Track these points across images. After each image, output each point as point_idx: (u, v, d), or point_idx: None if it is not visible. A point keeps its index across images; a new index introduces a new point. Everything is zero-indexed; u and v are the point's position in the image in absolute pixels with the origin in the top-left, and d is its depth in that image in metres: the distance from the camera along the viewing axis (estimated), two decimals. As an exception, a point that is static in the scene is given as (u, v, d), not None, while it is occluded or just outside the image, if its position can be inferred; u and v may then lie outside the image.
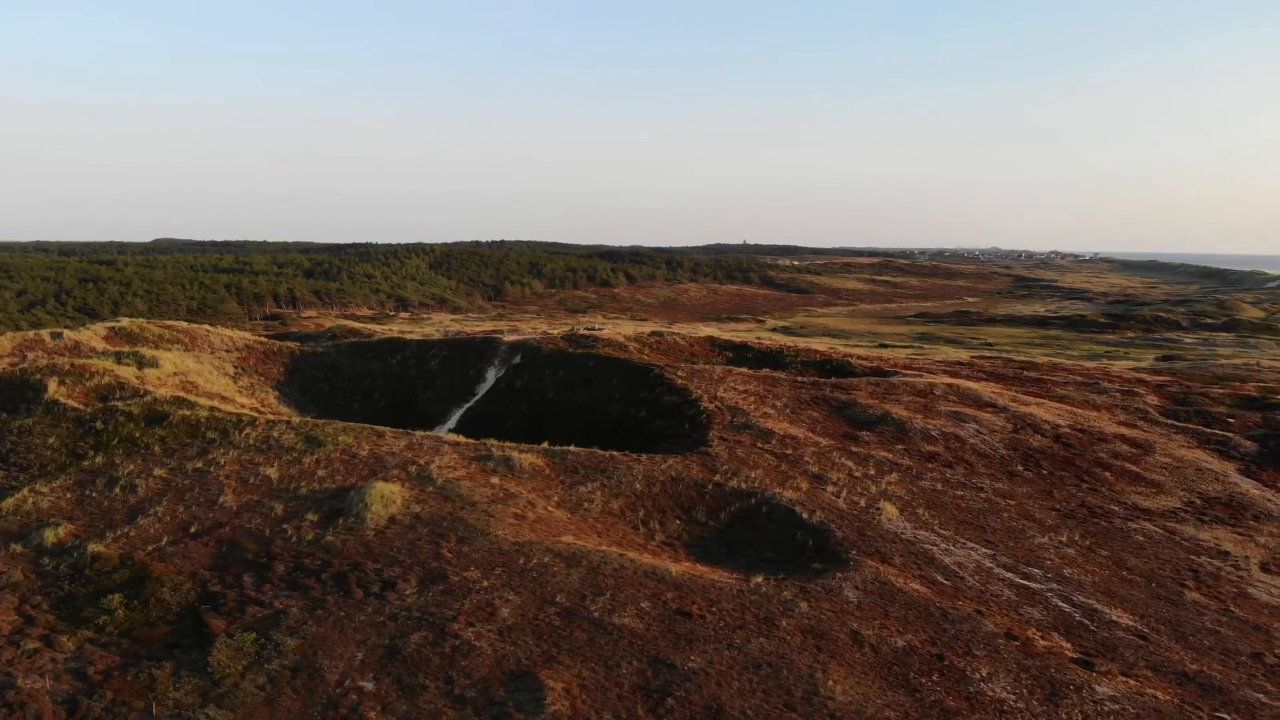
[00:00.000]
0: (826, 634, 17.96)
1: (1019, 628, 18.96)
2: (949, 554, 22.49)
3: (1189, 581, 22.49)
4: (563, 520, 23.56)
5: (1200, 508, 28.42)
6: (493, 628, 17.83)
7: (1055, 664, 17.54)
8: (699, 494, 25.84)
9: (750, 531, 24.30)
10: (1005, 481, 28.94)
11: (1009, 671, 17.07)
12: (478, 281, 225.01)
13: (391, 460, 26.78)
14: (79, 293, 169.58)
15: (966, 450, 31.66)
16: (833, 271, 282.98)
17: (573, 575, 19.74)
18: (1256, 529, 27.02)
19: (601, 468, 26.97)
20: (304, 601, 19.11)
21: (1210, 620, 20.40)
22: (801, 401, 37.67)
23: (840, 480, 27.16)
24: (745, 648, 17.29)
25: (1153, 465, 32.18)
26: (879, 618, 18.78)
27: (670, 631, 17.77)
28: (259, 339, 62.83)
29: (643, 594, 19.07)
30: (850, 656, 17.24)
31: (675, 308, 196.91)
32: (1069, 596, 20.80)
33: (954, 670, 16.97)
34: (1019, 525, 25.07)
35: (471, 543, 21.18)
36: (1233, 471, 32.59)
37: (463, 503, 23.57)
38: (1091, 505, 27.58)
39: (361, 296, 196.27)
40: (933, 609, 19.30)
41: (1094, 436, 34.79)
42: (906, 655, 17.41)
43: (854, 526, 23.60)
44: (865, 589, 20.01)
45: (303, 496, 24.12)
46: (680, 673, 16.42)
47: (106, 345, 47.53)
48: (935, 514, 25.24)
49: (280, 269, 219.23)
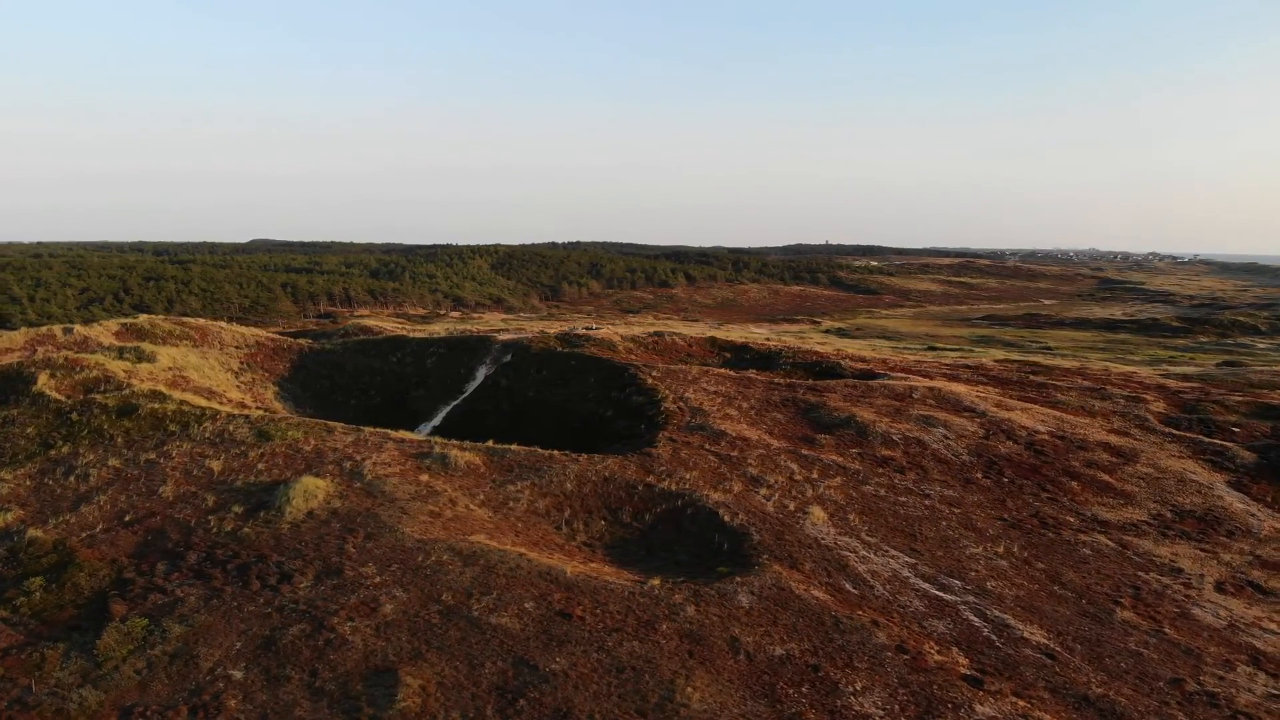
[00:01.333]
0: (704, 640, 17.57)
1: (915, 641, 18.22)
2: (866, 561, 21.77)
3: (1125, 599, 21.26)
4: (482, 519, 23.64)
5: (1168, 521, 26.83)
6: (371, 623, 18.00)
7: (940, 680, 16.79)
8: (628, 495, 25.62)
9: (672, 533, 23.98)
10: (957, 488, 27.84)
11: (886, 686, 16.42)
12: (536, 282, 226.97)
13: (331, 456, 27.30)
14: (138, 291, 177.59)
15: (926, 456, 30.57)
16: (907, 273, 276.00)
17: (466, 574, 19.78)
18: (1225, 545, 25.37)
19: (536, 467, 26.97)
20: (204, 591, 19.63)
21: (1136, 641, 19.24)
22: (770, 403, 36.99)
23: (778, 483, 26.57)
24: (615, 651, 17.05)
25: (1130, 475, 30.53)
26: (766, 625, 18.29)
27: (545, 633, 17.65)
28: (270, 336, 64.85)
29: (530, 594, 18.99)
30: (721, 664, 16.83)
31: (731, 308, 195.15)
32: (983, 610, 19.89)
33: (826, 682, 16.41)
34: (955, 534, 24.10)
35: (377, 539, 21.43)
36: (1220, 483, 30.67)
37: (384, 499, 23.86)
38: (1045, 515, 26.31)
39: (417, 296, 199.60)
40: (826, 618, 18.70)
41: (1073, 444, 33.17)
42: (781, 664, 16.91)
43: (773, 531, 23.05)
44: (761, 595, 19.51)
45: (236, 489, 24.78)
46: (541, 674, 16.30)
47: (115, 341, 49.72)
48: (867, 520, 24.46)
49: (348, 269, 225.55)
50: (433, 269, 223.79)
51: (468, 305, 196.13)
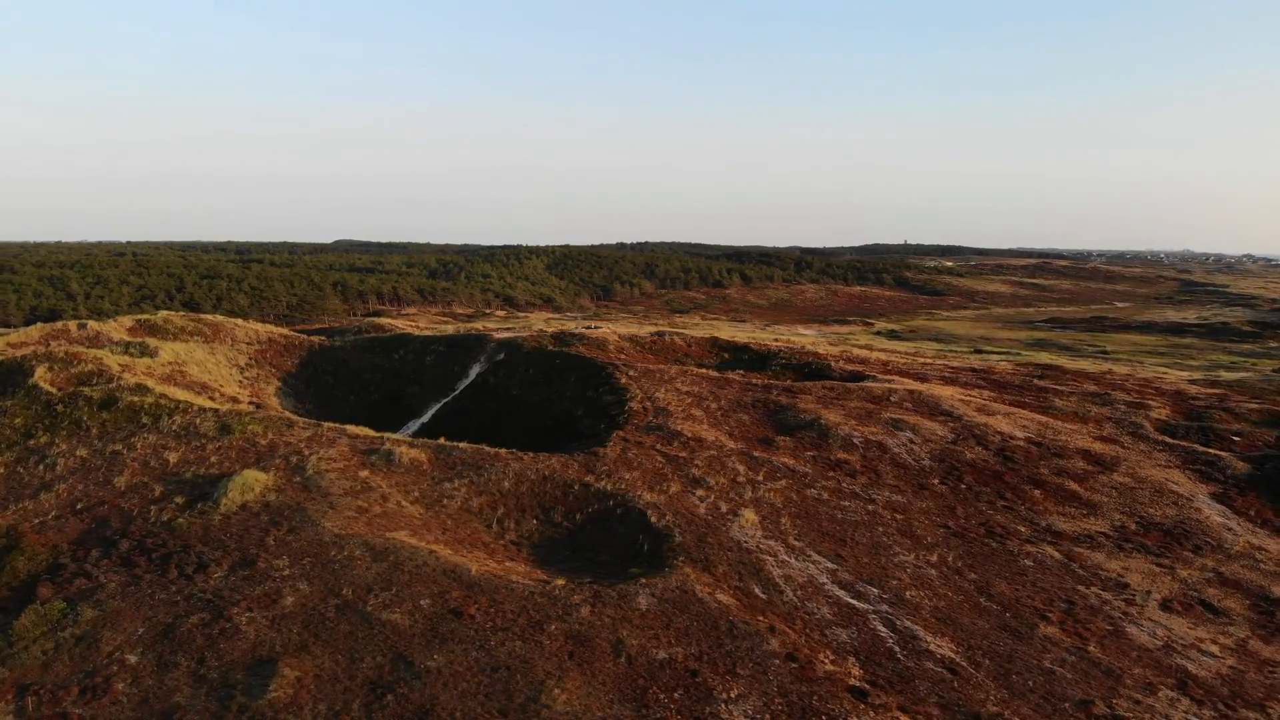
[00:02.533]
0: (588, 641, 17.47)
1: (810, 649, 17.78)
2: (784, 566, 21.32)
3: (1055, 614, 20.33)
4: (411, 515, 23.94)
5: (1130, 533, 25.55)
6: (269, 615, 18.40)
7: (823, 691, 16.36)
8: (563, 494, 25.61)
9: (600, 533, 23.89)
10: (908, 494, 27.02)
11: (763, 695, 16.08)
12: (588, 282, 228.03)
13: (283, 450, 27.99)
14: (191, 289, 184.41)
15: (884, 460, 29.75)
16: (978, 273, 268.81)
17: (372, 569, 20.06)
18: (1187, 560, 24.04)
19: (478, 465, 27.19)
20: (125, 577, 20.35)
21: (1052, 659, 18.40)
22: (741, 404, 36.52)
23: (718, 485, 26.22)
24: (495, 651, 17.09)
25: (1102, 485, 29.16)
26: (657, 628, 18.09)
27: (432, 630, 17.80)
28: (282, 332, 66.76)
29: (428, 592, 19.16)
30: (599, 666, 16.71)
31: (785, 309, 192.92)
32: (894, 620, 19.29)
33: (701, 688, 16.15)
34: (889, 541, 23.40)
35: (298, 532, 21.89)
36: (1203, 495, 29.08)
37: (317, 494, 24.37)
38: (994, 524, 25.33)
39: (467, 296, 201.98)
40: (722, 623, 18.39)
41: (1049, 451, 31.85)
42: (660, 669, 16.70)
43: (697, 533, 22.77)
44: (663, 597, 19.29)
45: (184, 481, 25.61)
46: (415, 671, 16.44)
47: (127, 336, 51.87)
48: (799, 524, 23.95)
49: (409, 268, 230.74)
50: (488, 269, 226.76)
51: (518, 305, 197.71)
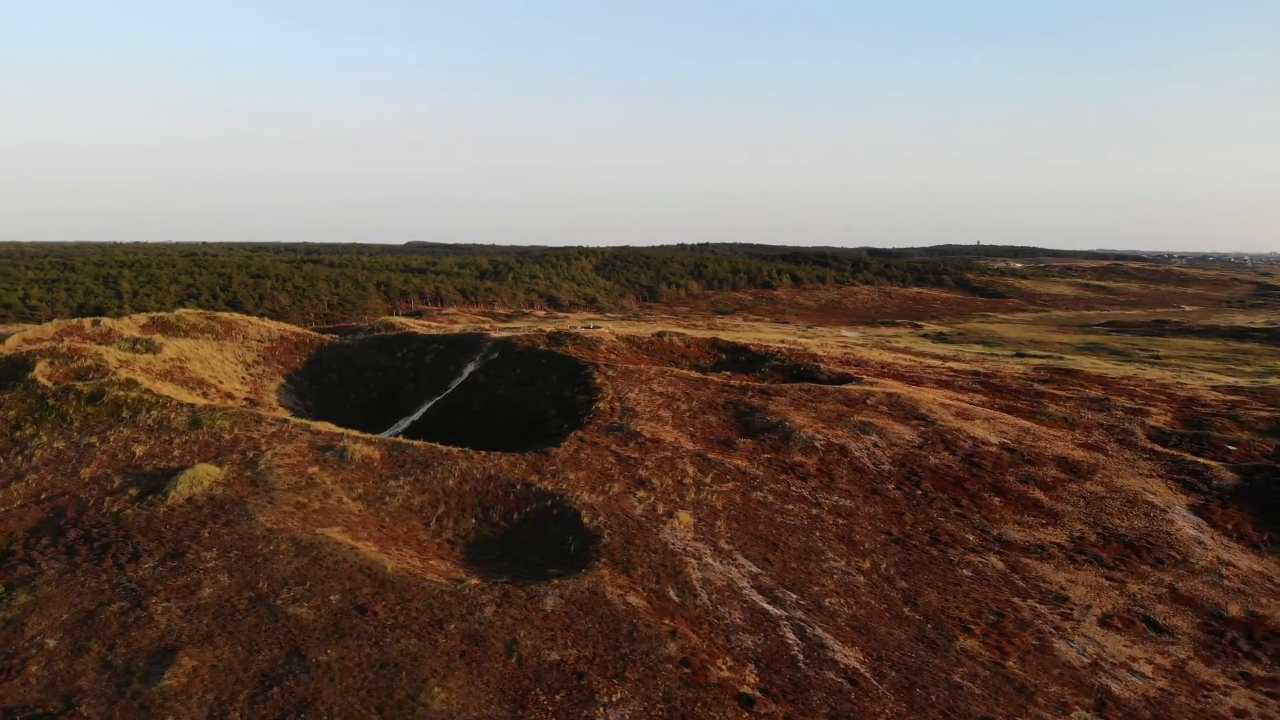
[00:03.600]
0: (483, 641, 17.54)
1: (709, 654, 17.53)
2: (706, 569, 21.07)
3: (980, 626, 19.66)
4: (351, 512, 24.34)
5: (1088, 544, 24.54)
6: (184, 605, 18.93)
7: (710, 698, 16.13)
8: (504, 493, 25.75)
9: (534, 533, 23.96)
10: (858, 499, 26.42)
11: (646, 700, 15.93)
12: (635, 283, 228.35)
13: (243, 445, 28.73)
14: (236, 288, 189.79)
15: (842, 464, 29.14)
16: (1043, 275, 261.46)
17: (293, 564, 20.47)
18: (1143, 574, 22.98)
19: (427, 463, 27.49)
20: (64, 565, 21.15)
21: (964, 673, 17.80)
22: (713, 405, 36.19)
23: (663, 486, 26.05)
24: (389, 648, 17.28)
25: (1071, 493, 28.06)
26: (557, 629, 18.06)
27: (333, 625, 18.08)
28: (294, 330, 68.49)
29: (340, 588, 19.47)
30: (488, 666, 16.77)
31: (834, 311, 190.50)
32: (805, 627, 18.90)
33: (584, 691, 16.08)
34: (823, 546, 22.92)
35: (233, 526, 22.45)
36: (1180, 506, 27.77)
37: (262, 488, 24.95)
38: (941, 531, 24.59)
39: (509, 295, 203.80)
40: (624, 625, 18.27)
41: (1022, 458, 30.79)
42: (548, 670, 16.68)
43: (626, 534, 22.66)
44: (571, 599, 19.24)
45: (144, 473, 26.48)
46: (307, 665, 16.74)
47: (138, 333, 53.86)
48: (735, 527, 23.64)
49: (460, 269, 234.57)
50: (536, 270, 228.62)
51: (561, 305, 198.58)
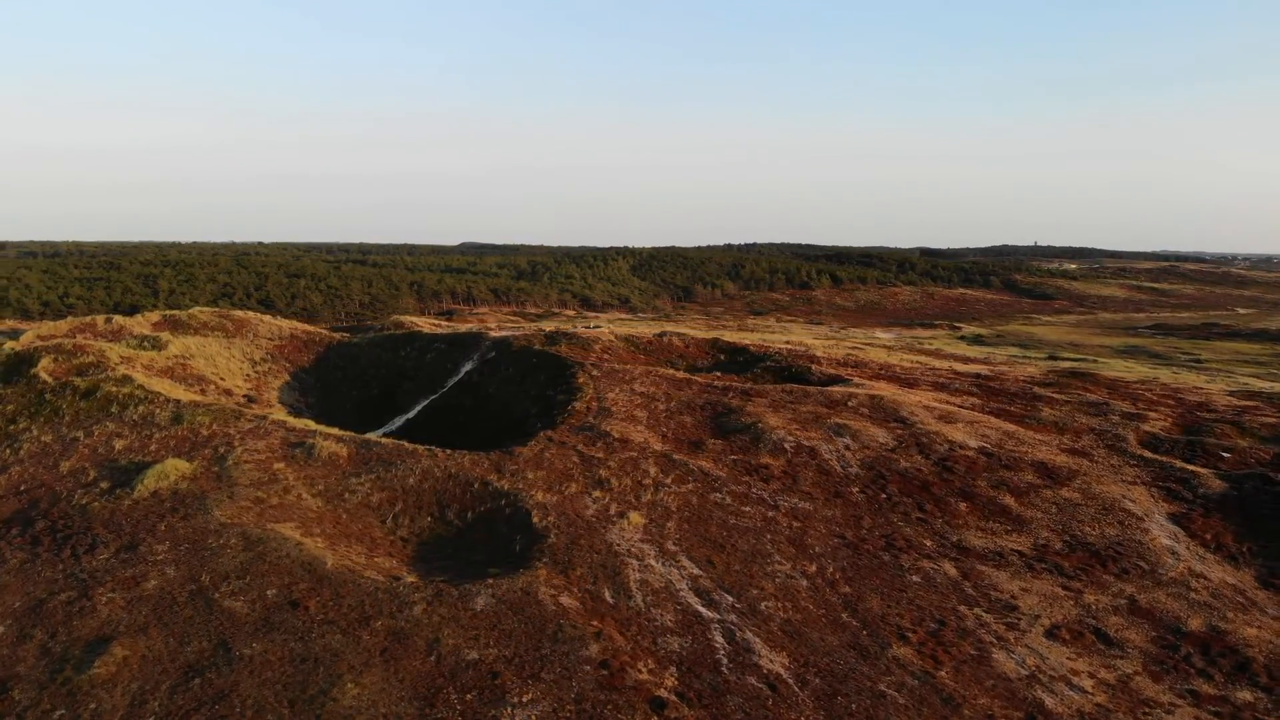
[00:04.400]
0: (406, 639, 17.73)
1: (631, 657, 17.47)
2: (647, 571, 20.99)
3: (918, 634, 19.25)
4: (308, 508, 24.76)
5: (1051, 552, 23.85)
6: (127, 596, 19.46)
7: (622, 701, 16.09)
8: (462, 492, 25.96)
9: (485, 532, 24.12)
10: (818, 502, 26.05)
11: (556, 701, 15.95)
12: (670, 283, 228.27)
13: (218, 440, 29.41)
14: (270, 287, 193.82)
15: (809, 466, 28.75)
16: (1095, 277, 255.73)
17: (237, 558, 20.90)
18: (1104, 585, 22.26)
19: (390, 461, 27.84)
20: (27, 555, 21.88)
21: (891, 683, 17.45)
22: (692, 406, 36.02)
23: (620, 487, 26.02)
24: (313, 643, 17.57)
25: (1044, 500, 27.30)
26: (482, 629, 18.16)
27: (264, 619, 18.43)
28: (306, 329, 69.86)
29: (279, 582, 19.83)
30: (405, 664, 16.94)
31: (872, 312, 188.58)
32: (735, 631, 18.71)
33: (495, 691, 16.16)
34: (772, 549, 22.66)
35: (190, 520, 23.00)
36: (1159, 515, 26.84)
37: (225, 483, 25.51)
38: (898, 536, 24.11)
39: (541, 296, 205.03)
40: (550, 626, 18.30)
41: (999, 462, 30.04)
42: (464, 669, 16.79)
43: (572, 534, 22.69)
44: (503, 598, 19.33)
45: (120, 467, 27.26)
46: (231, 657, 17.10)
47: (149, 330, 55.46)
48: (686, 528, 23.49)
49: (499, 269, 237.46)
50: (572, 270, 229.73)
51: (594, 306, 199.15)
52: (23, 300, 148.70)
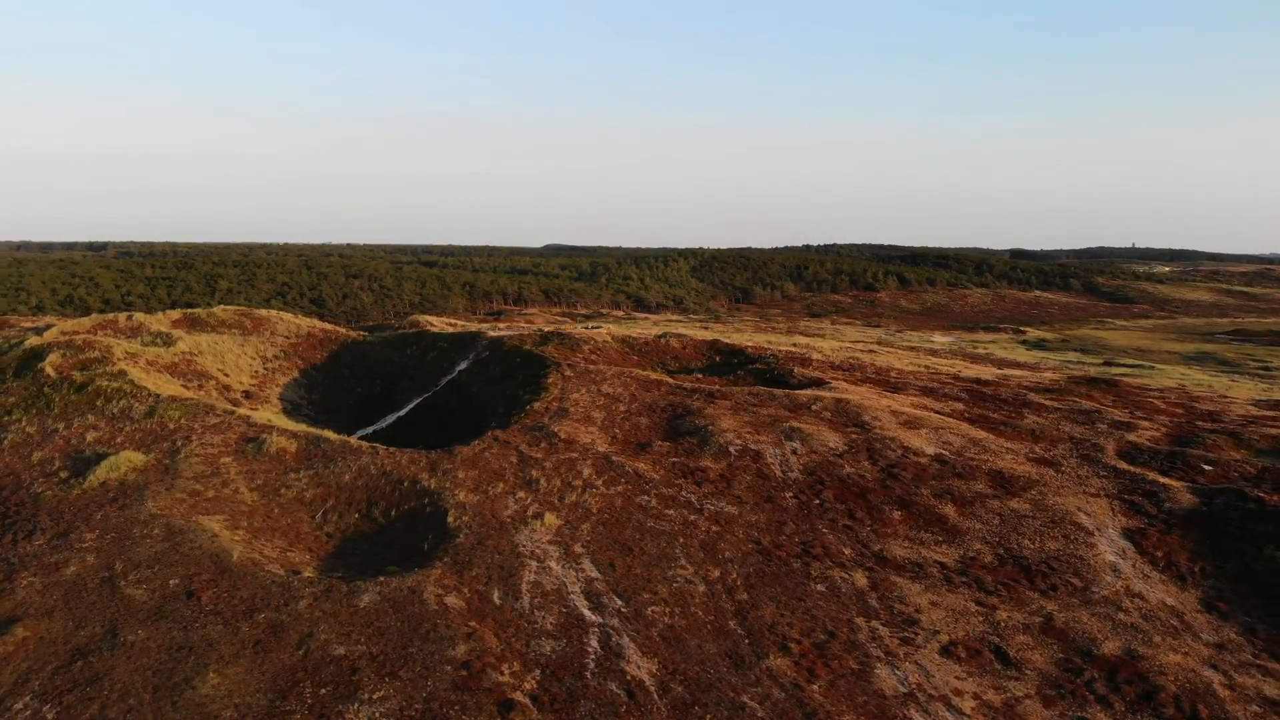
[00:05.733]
0: (282, 632, 18.25)
1: (498, 659, 17.57)
2: (544, 573, 21.05)
3: (802, 645, 18.76)
4: (242, 501, 25.65)
5: (979, 565, 22.87)
6: (45, 581, 20.55)
7: (472, 702, 16.24)
8: (392, 490, 26.48)
9: (404, 531, 24.56)
10: (746, 506, 25.58)
11: (405, 699, 16.20)
12: (729, 285, 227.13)
13: (179, 433, 30.70)
14: (322, 287, 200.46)
15: (748, 470, 28.26)
16: (1183, 279, 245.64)
17: (155, 548, 21.82)
18: (1025, 601, 21.25)
19: (332, 457, 28.58)
20: (-27, 541, 23.23)
21: (755, 694, 17.08)
22: (654, 408, 35.85)
23: (548, 488, 26.12)
24: (193, 632, 18.24)
25: (990, 510, 26.19)
26: (358, 625, 18.55)
27: (157, 608, 19.23)
28: (323, 327, 72.06)
29: (183, 572, 20.63)
30: (273, 656, 17.44)
31: (936, 314, 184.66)
32: (613, 636, 18.60)
33: (350, 687, 16.52)
34: (681, 554, 22.40)
35: (125, 509, 24.10)
36: (1111, 529, 25.46)
37: (169, 476, 26.63)
38: (815, 544, 23.48)
39: (593, 297, 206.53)
40: (425, 625, 18.58)
41: (952, 470, 28.95)
42: (327, 664, 17.19)
43: (481, 534, 22.92)
44: (388, 596, 19.68)
45: (84, 457, 28.73)
46: (115, 643, 17.92)
47: (167, 327, 58.13)
48: (600, 530, 23.44)
49: (562, 270, 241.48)
50: (632, 271, 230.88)
51: (649, 307, 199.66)
52: (85, 298, 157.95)
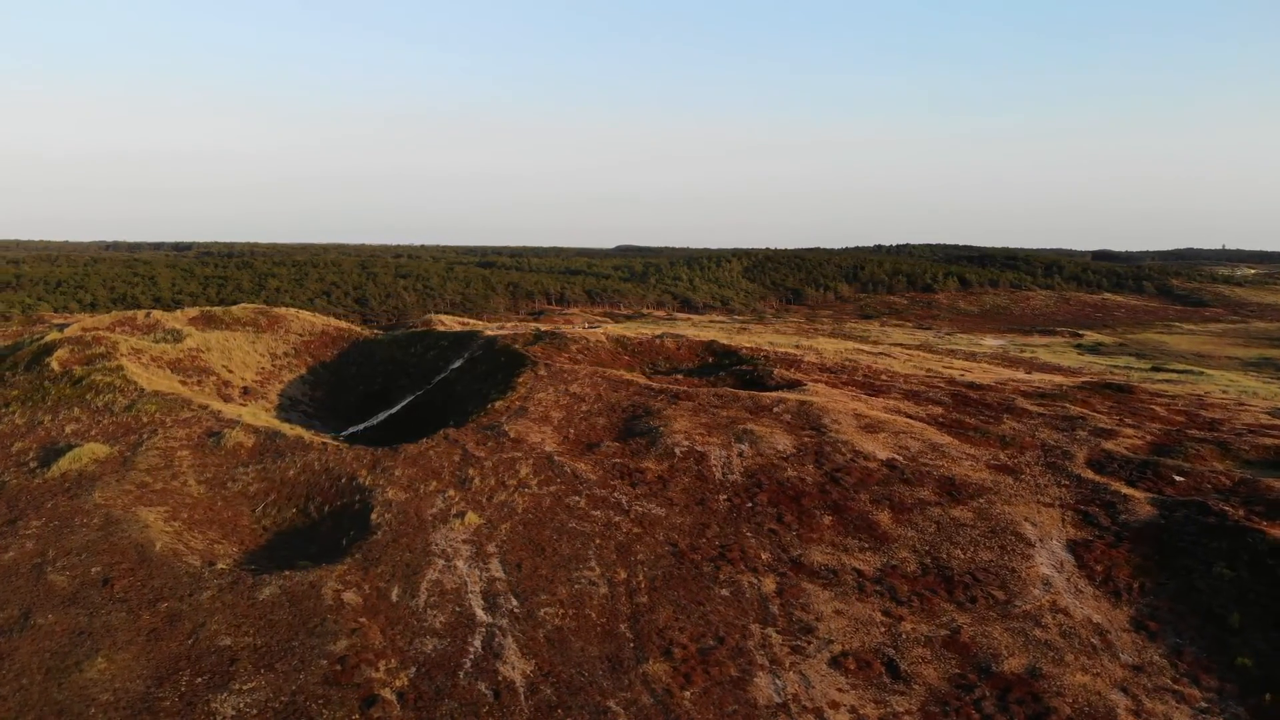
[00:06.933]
0: (178, 621, 18.95)
1: (377, 655, 17.90)
2: (449, 572, 21.32)
3: (686, 650, 18.54)
4: (188, 494, 26.64)
5: (900, 574, 22.19)
6: (-18, 565, 21.65)
7: (336, 696, 16.60)
8: (330, 486, 27.14)
9: (333, 526, 25.17)
10: (674, 509, 25.36)
11: (273, 691, 16.65)
12: (780, 285, 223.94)
13: (150, 427, 32.04)
14: (369, 286, 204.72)
15: (689, 473, 28.01)
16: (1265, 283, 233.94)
17: (89, 537, 22.86)
18: (936, 612, 20.54)
19: (283, 453, 29.43)
20: (-65, 526, 24.67)
21: (623, 700, 16.98)
22: (615, 408, 35.85)
23: (480, 487, 26.43)
24: (97, 618, 19.07)
25: (927, 518, 25.37)
26: (250, 618, 19.13)
27: (74, 593, 20.16)
28: (338, 325, 74.06)
29: (106, 561, 21.57)
30: (163, 644, 18.12)
31: (995, 317, 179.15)
32: (498, 636, 18.73)
33: (224, 676, 17.06)
34: (593, 555, 22.37)
35: (75, 499, 25.30)
36: (1055, 541, 24.40)
37: (125, 467, 27.83)
38: (734, 548, 23.13)
39: (638, 297, 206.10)
40: (314, 620, 19.06)
41: (899, 476, 28.15)
42: (210, 654, 17.80)
43: (398, 532, 23.33)
44: (288, 590, 20.21)
45: (57, 449, 30.24)
46: (26, 624, 18.92)
47: (184, 324, 60.63)
48: (520, 531, 23.59)
49: (614, 270, 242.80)
50: (683, 272, 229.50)
51: (695, 307, 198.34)
52: (139, 296, 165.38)
